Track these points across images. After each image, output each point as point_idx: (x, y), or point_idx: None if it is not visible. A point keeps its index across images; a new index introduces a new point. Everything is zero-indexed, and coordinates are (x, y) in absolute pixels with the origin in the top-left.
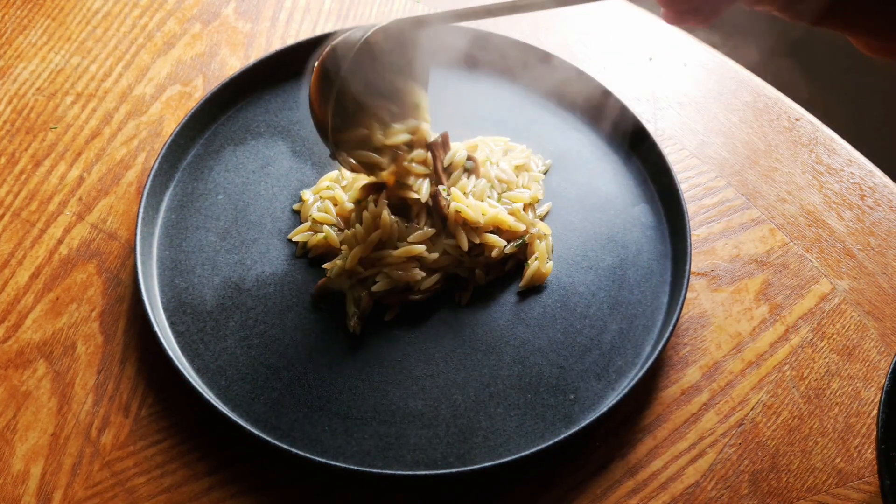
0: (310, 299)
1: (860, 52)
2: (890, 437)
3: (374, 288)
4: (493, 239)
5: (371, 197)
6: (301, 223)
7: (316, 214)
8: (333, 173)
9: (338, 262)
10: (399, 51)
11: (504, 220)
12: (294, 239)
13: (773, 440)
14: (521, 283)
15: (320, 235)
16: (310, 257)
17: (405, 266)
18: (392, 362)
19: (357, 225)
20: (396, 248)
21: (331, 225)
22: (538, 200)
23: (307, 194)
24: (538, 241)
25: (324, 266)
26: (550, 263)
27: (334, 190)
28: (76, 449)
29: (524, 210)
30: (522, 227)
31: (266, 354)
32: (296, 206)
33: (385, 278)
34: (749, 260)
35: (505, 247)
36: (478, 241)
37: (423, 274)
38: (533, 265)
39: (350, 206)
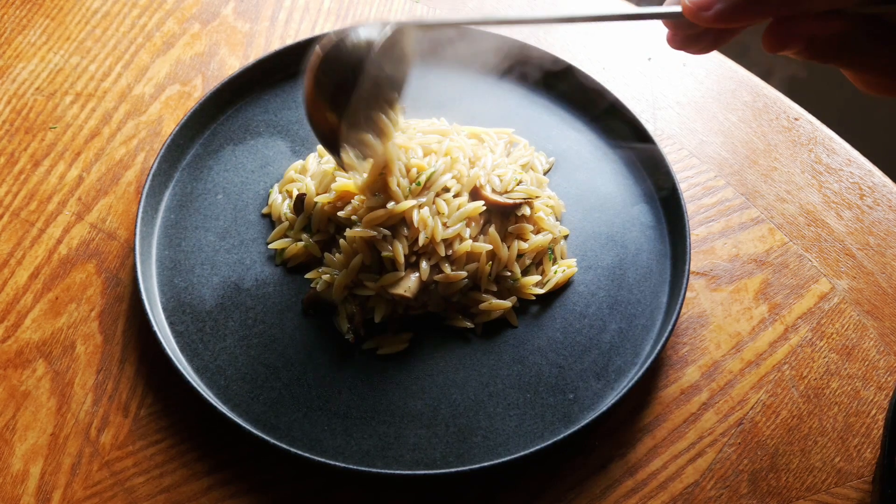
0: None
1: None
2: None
3: (377, 319)
4: (532, 291)
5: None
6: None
7: (290, 214)
8: (298, 163)
9: (324, 277)
10: (397, 54)
11: (541, 244)
12: (272, 246)
13: (773, 440)
14: (543, 290)
15: (300, 244)
16: (288, 266)
17: (399, 282)
18: (391, 362)
19: (337, 253)
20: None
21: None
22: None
23: (274, 193)
24: (558, 244)
25: (307, 276)
26: (575, 268)
27: (301, 182)
28: (75, 449)
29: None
30: (549, 238)
31: (265, 354)
32: (264, 211)
33: (380, 301)
34: (748, 259)
35: (538, 285)
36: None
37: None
38: (560, 272)
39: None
